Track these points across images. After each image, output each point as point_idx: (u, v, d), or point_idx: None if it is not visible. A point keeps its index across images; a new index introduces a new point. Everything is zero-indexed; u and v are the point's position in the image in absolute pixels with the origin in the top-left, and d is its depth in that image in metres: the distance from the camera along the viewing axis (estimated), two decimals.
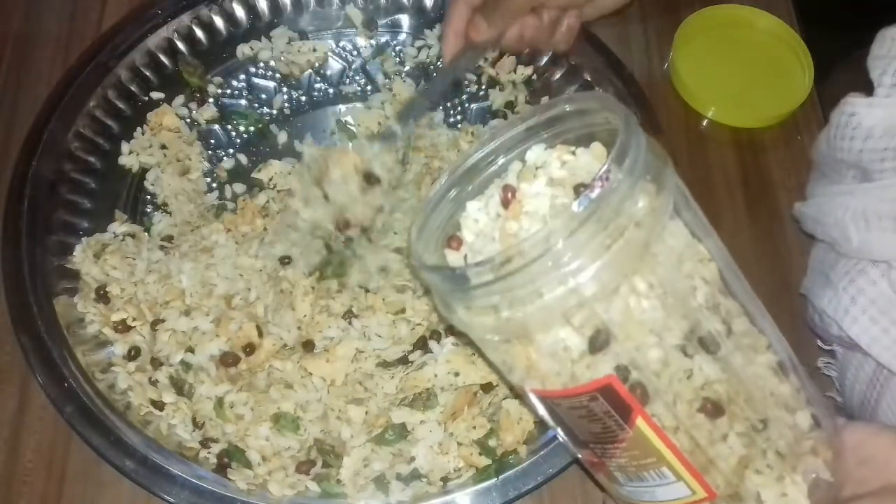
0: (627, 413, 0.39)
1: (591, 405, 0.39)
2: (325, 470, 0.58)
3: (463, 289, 0.39)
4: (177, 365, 0.61)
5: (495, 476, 0.56)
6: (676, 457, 0.40)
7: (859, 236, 0.57)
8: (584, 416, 0.41)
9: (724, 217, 0.71)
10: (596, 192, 0.36)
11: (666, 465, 0.40)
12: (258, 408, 0.59)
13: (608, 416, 0.39)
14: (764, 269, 0.69)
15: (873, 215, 0.56)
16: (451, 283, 0.40)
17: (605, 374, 0.38)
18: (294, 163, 0.71)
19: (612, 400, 0.39)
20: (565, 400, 0.40)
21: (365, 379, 0.61)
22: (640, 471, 0.42)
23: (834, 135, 0.59)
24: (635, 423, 0.39)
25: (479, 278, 0.38)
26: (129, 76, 0.72)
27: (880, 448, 0.44)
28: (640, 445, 0.40)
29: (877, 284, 0.57)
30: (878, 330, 0.56)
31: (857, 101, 0.57)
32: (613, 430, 0.40)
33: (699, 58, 0.77)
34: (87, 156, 0.69)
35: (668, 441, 0.40)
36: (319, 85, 0.76)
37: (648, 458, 0.41)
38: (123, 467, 0.56)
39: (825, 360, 0.64)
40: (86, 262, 0.64)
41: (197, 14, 0.75)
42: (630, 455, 0.41)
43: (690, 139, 0.75)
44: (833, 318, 0.59)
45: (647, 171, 0.38)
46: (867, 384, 0.59)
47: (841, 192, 0.60)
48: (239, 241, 0.66)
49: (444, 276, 0.41)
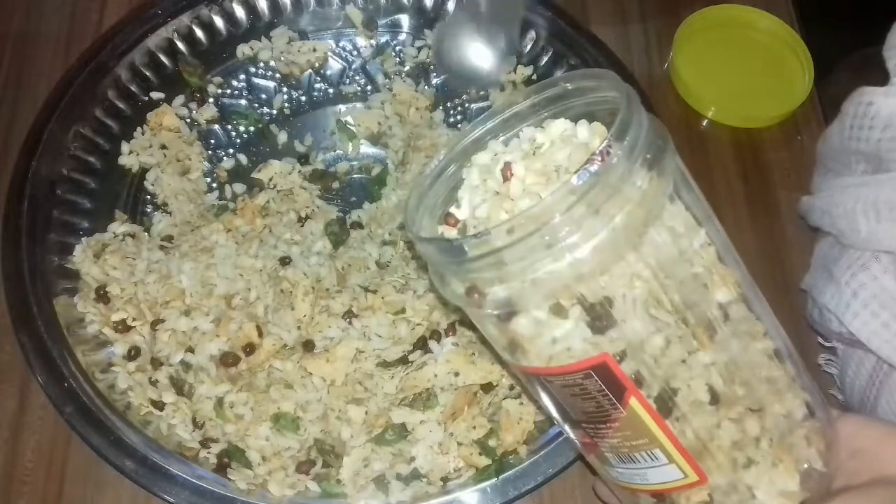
0: (621, 392, 0.39)
1: (585, 383, 0.39)
2: (325, 470, 0.58)
3: (458, 261, 0.38)
4: (177, 365, 0.61)
5: (495, 476, 0.56)
6: (669, 439, 0.40)
7: (868, 227, 0.57)
8: (577, 395, 0.40)
9: (724, 217, 0.70)
10: (595, 167, 0.36)
11: (658, 447, 0.40)
12: (258, 408, 0.59)
13: (601, 395, 0.39)
14: (764, 269, 0.69)
15: (884, 206, 0.56)
16: (446, 255, 0.39)
17: (599, 352, 0.38)
18: (294, 162, 0.71)
19: (606, 378, 0.38)
20: (558, 378, 0.40)
21: (365, 379, 0.61)
22: (632, 452, 0.41)
23: (850, 125, 0.59)
24: (629, 403, 0.39)
25: (475, 250, 0.37)
26: (129, 76, 0.72)
27: (871, 440, 0.44)
28: (632, 426, 0.40)
29: (879, 279, 0.57)
30: (879, 324, 0.56)
31: (874, 91, 0.57)
32: (606, 410, 0.40)
33: (699, 58, 0.77)
34: (87, 156, 0.69)
35: (662, 423, 0.39)
36: (319, 85, 0.76)
37: (641, 439, 0.40)
38: (123, 467, 0.56)
39: (826, 357, 0.64)
40: (86, 262, 0.64)
41: (197, 14, 0.75)
42: (623, 435, 0.41)
43: (690, 139, 0.75)
44: (834, 312, 0.59)
45: (648, 149, 0.38)
46: (867, 381, 0.59)
47: (854, 183, 0.60)
48: (239, 242, 0.66)
49: (440, 247, 0.40)
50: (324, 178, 0.71)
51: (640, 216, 0.37)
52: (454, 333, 0.61)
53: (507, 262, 0.37)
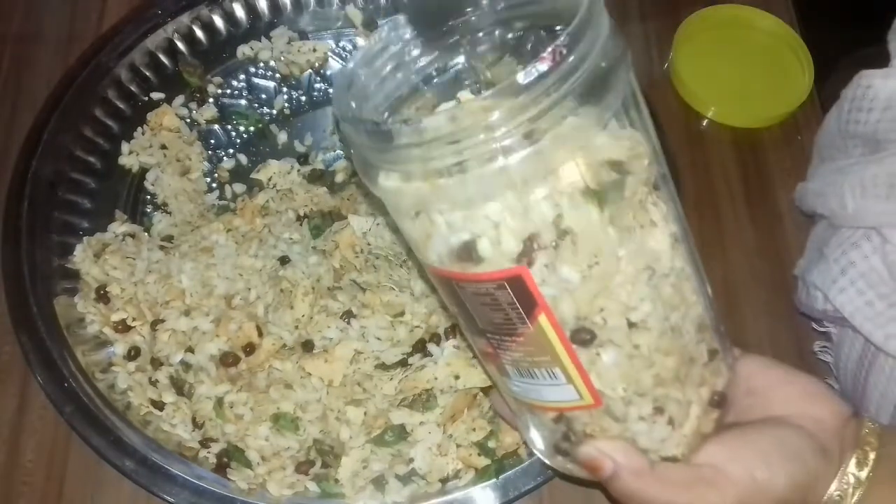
0: (532, 307, 0.37)
1: (497, 293, 0.38)
2: (324, 470, 0.58)
3: (385, 148, 0.36)
4: (177, 365, 0.61)
5: (495, 476, 0.56)
6: (572, 360, 0.39)
7: (855, 203, 0.57)
8: (486, 304, 0.39)
9: (723, 216, 0.71)
10: (545, 66, 0.33)
11: (559, 367, 0.39)
12: (258, 408, 0.59)
13: (511, 308, 0.38)
14: (763, 268, 0.69)
15: (870, 182, 0.57)
16: (372, 140, 0.37)
17: (517, 265, 0.37)
18: (293, 162, 0.71)
19: (519, 292, 0.37)
20: (471, 284, 0.39)
21: (364, 380, 0.61)
22: (532, 367, 0.40)
23: (849, 108, 0.59)
24: (537, 320, 0.38)
25: (403, 138, 0.35)
26: (129, 76, 0.72)
27: (768, 380, 0.45)
28: (537, 343, 0.39)
29: (869, 259, 0.57)
30: (863, 302, 0.57)
31: (873, 73, 0.58)
32: (514, 323, 0.39)
33: (699, 58, 0.77)
34: (87, 156, 0.69)
35: (567, 343, 0.38)
36: (319, 85, 0.76)
37: (543, 356, 0.39)
38: (123, 467, 0.56)
39: (821, 343, 0.64)
40: (86, 262, 0.64)
41: (197, 14, 0.75)
42: (526, 350, 0.40)
43: (690, 139, 0.75)
44: (821, 288, 0.59)
45: (604, 57, 0.36)
46: (857, 362, 0.60)
47: (847, 164, 0.60)
48: (239, 242, 0.66)
49: (367, 129, 0.37)
50: (323, 177, 0.71)
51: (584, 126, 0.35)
52: (455, 336, 0.61)
53: (437, 156, 0.35)
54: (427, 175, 0.36)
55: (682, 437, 0.41)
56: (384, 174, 0.39)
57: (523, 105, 0.34)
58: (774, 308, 0.67)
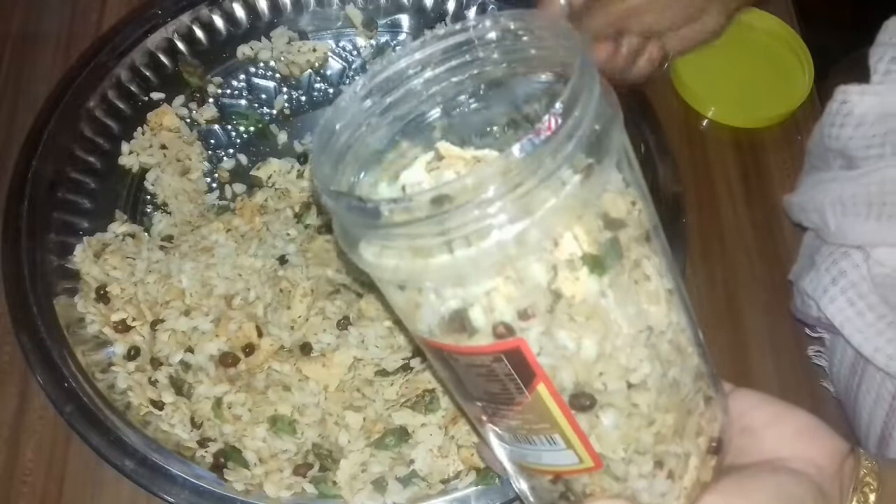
0: (530, 378, 0.36)
1: (493, 365, 0.37)
2: (322, 473, 0.57)
3: (372, 225, 0.34)
4: (176, 365, 0.61)
5: (496, 477, 0.56)
6: (572, 425, 0.38)
7: (836, 221, 0.57)
8: (482, 375, 0.38)
9: (723, 216, 0.71)
10: (542, 137, 0.32)
11: (559, 433, 0.38)
12: (256, 409, 0.59)
13: (509, 379, 0.37)
14: (763, 269, 0.69)
15: (849, 200, 0.57)
16: (356, 216, 0.35)
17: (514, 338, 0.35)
18: (293, 162, 0.71)
19: (517, 363, 0.36)
20: (465, 357, 0.37)
21: (364, 386, 0.60)
22: (530, 434, 0.39)
23: (829, 123, 0.59)
24: (536, 390, 0.37)
25: (391, 217, 0.33)
26: (129, 76, 0.72)
27: (761, 419, 0.43)
28: (536, 411, 0.38)
29: (859, 268, 0.57)
30: (853, 312, 0.57)
31: (850, 89, 0.58)
32: (511, 394, 0.38)
33: (699, 58, 0.77)
34: (87, 156, 0.69)
35: (567, 409, 0.37)
36: (319, 85, 0.76)
37: (542, 423, 0.38)
38: (123, 467, 0.56)
39: (815, 348, 0.64)
40: (86, 262, 0.64)
41: (197, 14, 0.75)
42: (524, 419, 0.39)
43: (690, 139, 0.75)
44: (812, 297, 0.59)
45: (597, 119, 0.34)
46: (850, 368, 0.59)
47: (826, 178, 0.60)
48: (239, 241, 0.66)
49: (352, 206, 0.34)
50: None
51: (582, 195, 0.34)
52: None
53: (428, 234, 0.33)
54: (416, 252, 0.34)
55: (682, 490, 0.41)
56: (366, 245, 0.36)
57: (519, 177, 0.32)
58: (774, 308, 0.67)
